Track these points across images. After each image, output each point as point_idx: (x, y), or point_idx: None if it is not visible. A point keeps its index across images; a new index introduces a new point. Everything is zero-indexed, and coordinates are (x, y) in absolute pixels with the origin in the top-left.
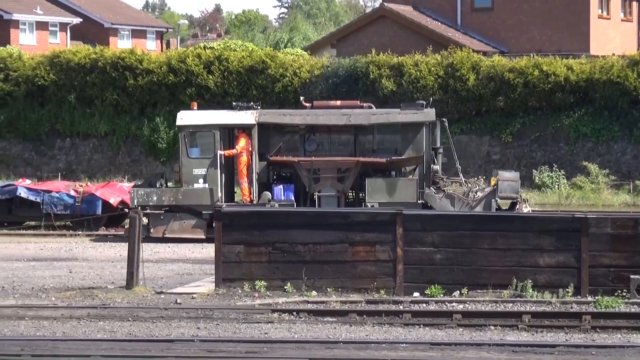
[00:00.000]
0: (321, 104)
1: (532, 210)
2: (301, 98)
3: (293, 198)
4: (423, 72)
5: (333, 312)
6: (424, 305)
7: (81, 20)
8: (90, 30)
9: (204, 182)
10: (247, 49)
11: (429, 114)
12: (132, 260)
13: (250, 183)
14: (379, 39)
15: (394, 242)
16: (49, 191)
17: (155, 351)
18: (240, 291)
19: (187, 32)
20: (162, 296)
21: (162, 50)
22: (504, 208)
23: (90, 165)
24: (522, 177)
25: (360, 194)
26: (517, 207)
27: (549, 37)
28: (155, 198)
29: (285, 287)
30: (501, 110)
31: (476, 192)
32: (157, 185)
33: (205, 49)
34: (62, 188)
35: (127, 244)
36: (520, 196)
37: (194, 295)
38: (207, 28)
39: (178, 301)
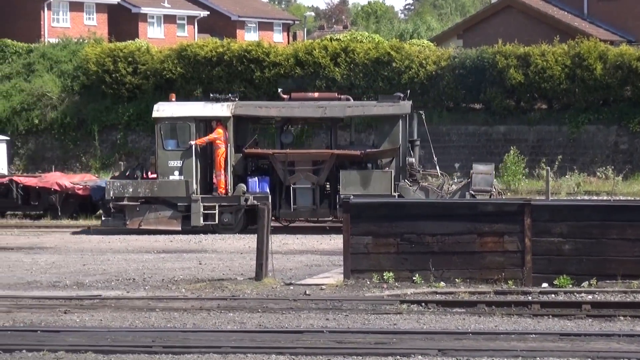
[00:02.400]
0: (299, 96)
1: None
2: (279, 90)
3: (268, 190)
4: (550, 62)
5: (462, 303)
6: (553, 295)
7: (208, 13)
8: (217, 23)
9: (180, 174)
10: (373, 41)
11: (404, 106)
12: (261, 252)
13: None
14: (505, 29)
15: (522, 233)
16: None
17: (285, 342)
18: (368, 282)
19: (313, 24)
20: (291, 287)
21: (288, 43)
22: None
23: None
24: None
25: (338, 187)
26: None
27: None
28: (131, 190)
29: (414, 278)
30: (629, 99)
31: (451, 185)
32: (135, 177)
33: (331, 41)
34: None
35: (255, 235)
36: (495, 188)
37: (323, 287)
38: (333, 20)
39: (307, 292)
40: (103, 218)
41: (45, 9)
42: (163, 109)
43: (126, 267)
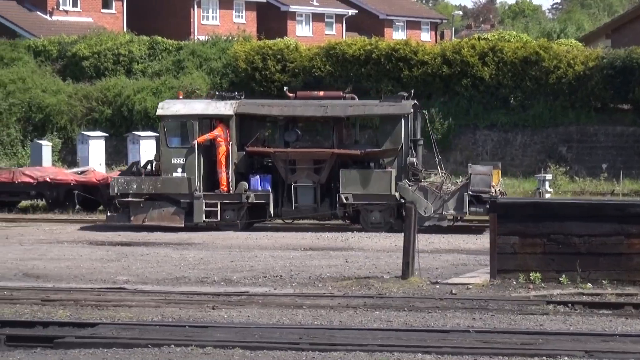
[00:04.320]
0: (304, 95)
1: None
2: (285, 88)
3: (270, 188)
4: None
5: (608, 305)
6: None
7: (356, 11)
8: (365, 22)
9: (183, 171)
10: (521, 40)
11: (405, 106)
12: (408, 251)
13: (227, 173)
14: None
15: None
16: None
17: (431, 341)
18: (514, 282)
19: (460, 23)
20: (437, 286)
21: (436, 42)
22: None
23: None
24: None
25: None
26: None
27: None
28: (135, 186)
29: (560, 279)
30: None
31: (449, 185)
32: (145, 172)
33: (479, 40)
34: None
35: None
36: (494, 188)
37: (469, 286)
38: (481, 19)
39: (453, 292)
40: (108, 214)
41: (195, 6)
42: (167, 107)
43: (273, 264)
